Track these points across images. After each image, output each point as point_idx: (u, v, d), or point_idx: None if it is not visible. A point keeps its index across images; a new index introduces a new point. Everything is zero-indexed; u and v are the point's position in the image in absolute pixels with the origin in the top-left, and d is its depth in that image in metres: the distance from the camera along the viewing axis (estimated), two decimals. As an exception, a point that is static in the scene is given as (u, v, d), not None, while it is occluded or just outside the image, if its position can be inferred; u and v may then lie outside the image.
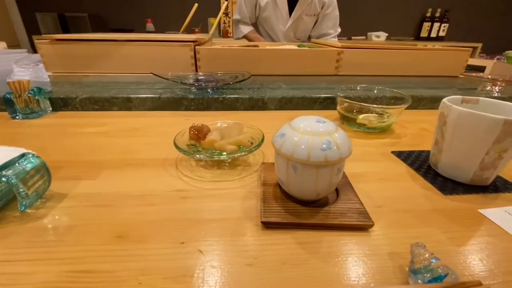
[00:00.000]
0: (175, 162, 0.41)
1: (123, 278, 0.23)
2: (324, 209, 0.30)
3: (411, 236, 0.28)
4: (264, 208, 0.30)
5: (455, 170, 0.37)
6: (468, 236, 0.28)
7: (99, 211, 0.31)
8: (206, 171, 0.39)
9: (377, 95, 0.66)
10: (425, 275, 0.21)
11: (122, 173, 0.39)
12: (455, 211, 0.32)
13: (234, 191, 0.35)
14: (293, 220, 0.28)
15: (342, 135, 0.28)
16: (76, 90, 0.69)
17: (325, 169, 0.27)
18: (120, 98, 0.65)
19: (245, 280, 0.23)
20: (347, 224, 0.28)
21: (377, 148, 0.48)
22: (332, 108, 0.70)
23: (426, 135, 0.55)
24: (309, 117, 0.30)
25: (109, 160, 0.42)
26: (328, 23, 1.46)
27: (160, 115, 0.63)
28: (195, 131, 0.40)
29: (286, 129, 0.29)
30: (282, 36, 1.48)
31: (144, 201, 0.32)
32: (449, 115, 0.36)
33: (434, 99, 0.72)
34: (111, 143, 0.48)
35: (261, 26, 1.53)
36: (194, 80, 0.74)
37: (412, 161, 0.43)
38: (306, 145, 0.26)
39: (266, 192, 0.33)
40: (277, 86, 0.78)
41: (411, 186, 0.37)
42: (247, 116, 0.64)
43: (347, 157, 0.27)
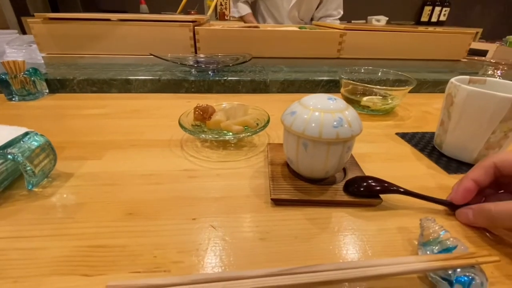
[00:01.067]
0: (180, 143, 0.41)
1: (138, 252, 0.23)
2: (333, 187, 0.30)
3: (419, 213, 0.28)
4: (273, 186, 0.30)
5: (460, 150, 0.37)
6: (473, 212, 0.28)
7: (107, 189, 0.31)
8: (212, 151, 0.39)
9: (380, 78, 0.66)
10: (434, 247, 0.22)
11: (126, 153, 0.38)
12: (460, 189, 0.32)
13: (241, 171, 0.35)
14: (302, 197, 0.29)
15: (353, 113, 0.28)
16: (73, 71, 0.67)
17: (336, 146, 0.27)
18: (119, 80, 0.64)
19: (258, 253, 0.23)
20: (356, 201, 0.28)
21: (382, 130, 0.48)
22: (335, 91, 0.69)
23: (429, 118, 0.55)
24: (319, 95, 0.30)
25: (112, 141, 0.42)
26: (332, 4, 1.43)
27: (160, 98, 0.62)
28: (200, 112, 0.40)
29: (296, 107, 0.29)
30: (286, 15, 1.44)
31: (152, 180, 0.32)
32: (457, 95, 0.36)
33: (437, 83, 0.72)
34: (113, 125, 0.47)
35: (263, 5, 1.48)
36: (194, 62, 0.72)
37: (417, 142, 0.44)
38: (317, 122, 0.26)
39: (275, 171, 0.33)
40: (279, 69, 0.77)
41: (416, 165, 0.37)
42: (249, 99, 0.63)
43: (358, 134, 0.27)
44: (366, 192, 0.29)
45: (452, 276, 0.20)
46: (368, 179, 0.30)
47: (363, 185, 0.30)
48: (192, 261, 0.22)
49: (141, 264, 0.22)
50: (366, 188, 0.29)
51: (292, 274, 0.19)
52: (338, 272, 0.19)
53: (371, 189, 0.29)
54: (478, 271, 0.20)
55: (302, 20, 1.48)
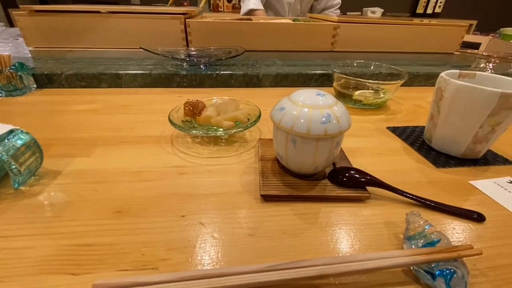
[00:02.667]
0: (171, 139, 0.41)
1: (125, 250, 0.23)
2: (322, 182, 0.30)
3: (406, 207, 0.29)
4: (263, 182, 0.30)
5: (449, 144, 0.38)
6: (460, 205, 0.29)
7: (95, 187, 0.30)
8: (203, 147, 0.39)
9: (373, 71, 0.65)
10: (419, 241, 0.22)
11: (116, 150, 0.38)
12: (448, 182, 0.33)
13: (232, 167, 0.35)
14: (291, 192, 0.29)
15: (342, 109, 0.28)
16: (61, 66, 0.66)
17: (324, 142, 0.27)
18: (108, 75, 0.63)
19: (246, 249, 0.23)
20: (344, 196, 0.29)
21: (373, 124, 0.49)
22: (328, 85, 0.69)
23: (420, 112, 0.55)
24: (308, 90, 0.29)
25: (101, 137, 0.41)
26: None
27: (151, 92, 0.61)
28: (190, 107, 0.39)
29: (285, 102, 0.29)
30: (288, 8, 1.42)
31: (141, 177, 0.32)
32: (447, 89, 0.36)
33: (429, 76, 0.72)
34: (102, 121, 0.47)
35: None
36: (185, 56, 0.71)
37: (407, 136, 0.44)
38: (305, 118, 0.26)
39: (265, 167, 0.33)
40: (272, 63, 0.76)
41: (405, 160, 0.38)
42: (241, 93, 0.63)
43: (347, 130, 0.27)
44: (351, 183, 0.29)
45: (435, 269, 0.20)
46: (352, 170, 0.31)
47: (347, 175, 0.30)
48: (180, 259, 0.22)
49: (128, 262, 0.22)
50: (349, 179, 0.30)
51: (279, 270, 0.20)
52: (324, 267, 0.20)
53: (355, 180, 0.30)
54: (460, 264, 0.20)
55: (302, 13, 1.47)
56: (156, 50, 0.67)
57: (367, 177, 0.30)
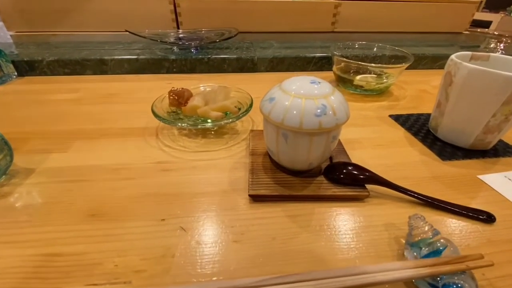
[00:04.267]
0: (156, 131, 0.38)
1: (97, 261, 0.21)
2: (317, 179, 0.28)
3: (407, 206, 0.26)
4: (252, 180, 0.27)
5: (456, 134, 0.35)
6: (467, 203, 0.26)
7: (70, 187, 0.28)
8: (190, 140, 0.36)
9: (376, 54, 0.61)
10: (423, 249, 0.20)
11: (96, 144, 0.35)
12: (454, 177, 0.30)
13: (220, 162, 0.32)
14: (283, 192, 0.26)
15: (339, 98, 0.25)
16: (43, 51, 0.62)
17: (319, 137, 0.24)
18: (93, 60, 0.59)
19: (230, 258, 0.21)
20: (341, 195, 0.26)
21: (374, 112, 0.45)
22: (328, 69, 0.65)
23: (425, 97, 0.52)
24: (302, 77, 0.26)
25: (81, 130, 0.38)
26: None
27: (139, 79, 0.58)
28: (175, 96, 0.36)
29: (275, 92, 0.25)
30: None
31: (121, 175, 0.30)
32: (457, 74, 0.32)
33: (436, 58, 0.68)
34: (84, 111, 0.44)
35: None
36: (175, 39, 0.66)
37: (410, 125, 0.41)
38: (298, 110, 0.23)
39: (255, 163, 0.30)
40: (268, 45, 0.71)
41: (408, 152, 0.35)
42: (235, 79, 0.59)
43: (344, 122, 0.24)
44: (348, 180, 0.27)
45: (440, 283, 0.18)
46: (350, 165, 0.28)
47: (344, 172, 0.27)
48: (155, 270, 0.20)
49: (99, 275, 0.20)
50: (347, 175, 0.27)
51: (263, 287, 0.17)
52: (315, 283, 0.17)
53: (354, 177, 0.27)
54: (468, 277, 0.18)
55: None
56: (143, 33, 0.62)
57: (366, 173, 0.27)
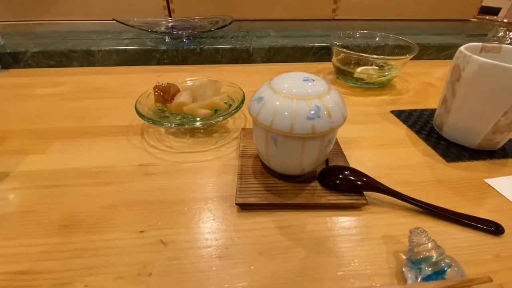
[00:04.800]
0: (141, 130, 0.35)
1: (66, 280, 0.19)
2: (311, 185, 0.26)
3: (408, 216, 0.24)
4: (240, 186, 0.25)
5: (463, 134, 0.32)
6: (473, 212, 0.24)
7: (45, 193, 0.26)
8: (177, 140, 0.34)
9: (378, 43, 0.58)
10: (426, 269, 0.18)
11: (76, 144, 0.33)
12: (459, 181, 0.28)
13: (208, 164, 0.30)
14: (273, 200, 0.24)
15: (335, 98, 0.22)
16: (28, 42, 0.58)
17: (312, 142, 0.22)
18: (79, 52, 0.56)
19: (211, 277, 0.19)
20: (336, 203, 0.24)
21: (375, 107, 0.43)
22: (328, 60, 0.62)
23: (429, 91, 0.49)
24: (294, 73, 0.23)
25: (62, 128, 0.36)
26: None
27: (127, 71, 0.55)
28: (160, 92, 0.33)
29: (265, 90, 0.23)
30: None
31: (100, 179, 0.28)
32: (466, 68, 0.29)
33: (442, 48, 0.64)
34: (67, 107, 0.41)
35: None
36: (166, 28, 0.63)
37: (413, 122, 0.38)
38: (289, 112, 0.21)
39: (244, 166, 0.28)
40: (265, 34, 0.68)
41: (411, 152, 0.32)
42: (229, 71, 0.56)
43: (340, 125, 0.22)
44: (345, 187, 0.25)
45: (444, 310, 0.16)
46: (346, 170, 0.26)
47: (340, 177, 0.25)
48: (129, 293, 0.18)
49: (67, 298, 0.18)
50: (343, 181, 0.25)
51: (245, 316, 0.15)
52: (303, 312, 0.16)
53: (350, 183, 0.25)
54: (475, 304, 0.16)
55: None
56: (132, 22, 0.59)
57: (364, 179, 0.25)
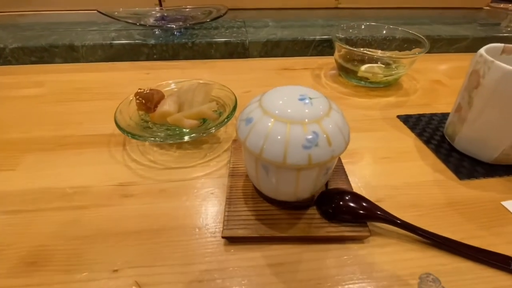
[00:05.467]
0: (123, 140, 0.32)
1: (25, 335, 0.17)
2: (308, 213, 0.23)
3: (418, 249, 0.21)
4: (228, 214, 0.22)
5: (478, 147, 0.29)
6: (490, 243, 0.21)
7: (10, 220, 0.23)
8: (162, 152, 0.31)
9: (385, 36, 0.53)
10: (437, 328, 0.16)
11: (51, 158, 0.30)
12: (473, 204, 0.25)
13: (195, 183, 0.27)
14: (265, 232, 0.21)
15: (337, 120, 0.19)
16: (7, 36, 0.54)
17: (308, 172, 0.19)
18: (61, 47, 0.52)
19: (192, 332, 0.17)
20: (336, 236, 0.21)
21: (380, 111, 0.39)
22: (330, 54, 0.57)
23: (439, 91, 0.45)
24: (290, 88, 0.20)
25: (37, 138, 0.33)
26: None
27: (114, 68, 0.51)
28: (142, 100, 0.30)
29: (254, 109, 0.20)
30: None
31: (74, 202, 0.25)
32: (487, 75, 0.26)
33: (453, 40, 0.59)
34: (46, 112, 0.38)
35: None
36: (155, 19, 0.58)
37: (422, 129, 0.35)
38: (281, 139, 0.17)
39: (234, 187, 0.25)
40: (263, 24, 0.63)
41: (419, 167, 0.29)
42: (223, 67, 0.52)
43: (342, 152, 0.19)
44: (346, 216, 0.22)
45: None
46: (347, 194, 0.23)
47: (341, 204, 0.22)
48: None
49: None
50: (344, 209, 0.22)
51: None
52: None
53: (352, 211, 0.22)
54: None
55: None
56: (117, 14, 0.54)
57: (367, 205, 0.22)
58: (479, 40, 0.60)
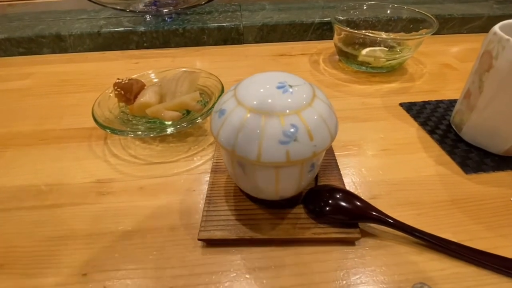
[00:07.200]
0: (105, 134, 0.31)
1: None
2: (294, 212, 0.21)
3: (416, 252, 0.19)
4: (207, 214, 0.21)
5: (487, 137, 0.26)
6: (496, 246, 0.19)
7: (-18, 220, 0.22)
8: (144, 146, 0.29)
9: (390, 16, 0.49)
10: None
11: (30, 154, 0.29)
12: (480, 201, 0.23)
13: (176, 180, 0.25)
14: (245, 234, 0.20)
15: (321, 110, 0.16)
16: (-5, 26, 0.53)
17: (288, 169, 0.17)
18: (48, 37, 0.50)
19: None
20: (323, 238, 0.19)
21: (382, 98, 0.36)
22: (330, 38, 0.54)
23: (448, 75, 0.41)
24: (269, 75, 0.18)
25: (19, 133, 0.32)
26: None
27: (102, 58, 0.49)
28: (120, 91, 0.28)
29: (227, 99, 0.17)
30: None
31: (48, 201, 0.24)
32: (501, 55, 0.23)
33: (465, 19, 0.55)
34: (28, 106, 0.37)
35: None
36: (145, 4, 0.55)
37: (426, 118, 0.32)
38: (255, 134, 0.15)
39: (216, 185, 0.23)
40: (259, 7, 0.59)
41: (421, 160, 0.27)
42: (215, 54, 0.49)
43: (327, 147, 0.17)
44: (336, 216, 0.20)
45: None
46: (338, 192, 0.21)
47: (330, 203, 0.20)
48: None
49: None
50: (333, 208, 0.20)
51: None
52: None
53: (342, 211, 0.20)
54: None
55: None
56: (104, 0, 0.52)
57: (359, 204, 0.20)
58: (495, 19, 0.55)
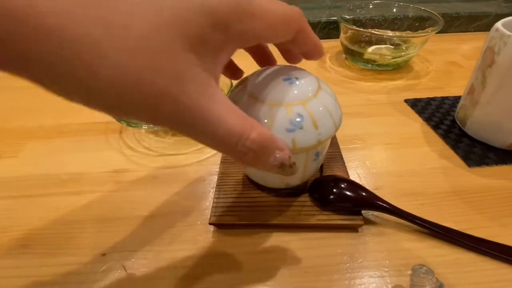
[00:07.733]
0: (120, 127, 0.32)
1: (15, 314, 0.17)
2: (299, 200, 0.22)
3: (417, 239, 0.20)
4: (217, 201, 0.22)
5: (491, 131, 0.27)
6: (497, 234, 0.20)
7: (9, 205, 0.24)
8: (157, 139, 0.30)
9: (396, 15, 0.50)
10: (427, 322, 0.15)
11: (51, 146, 0.30)
12: (482, 193, 0.23)
13: (187, 170, 0.27)
14: (252, 219, 0.21)
15: (325, 101, 0.17)
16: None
17: (294, 157, 0.18)
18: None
19: (174, 317, 0.17)
20: (328, 224, 0.20)
21: (387, 95, 0.37)
22: (337, 37, 0.54)
23: (454, 73, 0.42)
24: (277, 68, 0.19)
25: (39, 126, 0.33)
26: None
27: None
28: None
29: (238, 91, 0.19)
30: None
31: (69, 188, 0.25)
32: (502, 51, 0.23)
33: (472, 18, 0.55)
34: (47, 101, 0.38)
35: None
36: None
37: (431, 114, 0.33)
38: (264, 124, 0.16)
39: (225, 174, 0.24)
40: (267, 8, 0.60)
41: (425, 153, 0.28)
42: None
43: (331, 136, 0.18)
44: (340, 204, 0.21)
45: None
46: (343, 182, 0.22)
47: (334, 191, 0.21)
48: (77, 335, 0.16)
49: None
50: (338, 197, 0.21)
51: None
52: None
53: (346, 199, 0.21)
54: None
55: None
56: None
57: (362, 192, 0.21)
58: (502, 17, 0.54)
